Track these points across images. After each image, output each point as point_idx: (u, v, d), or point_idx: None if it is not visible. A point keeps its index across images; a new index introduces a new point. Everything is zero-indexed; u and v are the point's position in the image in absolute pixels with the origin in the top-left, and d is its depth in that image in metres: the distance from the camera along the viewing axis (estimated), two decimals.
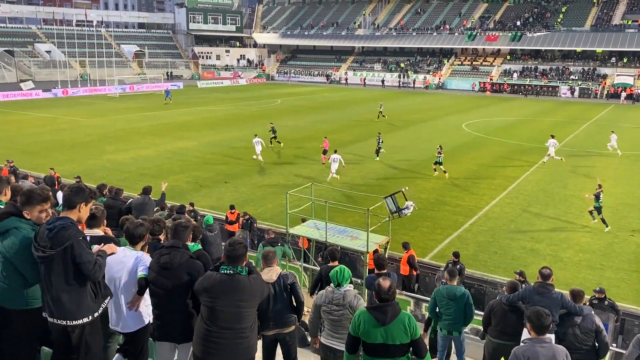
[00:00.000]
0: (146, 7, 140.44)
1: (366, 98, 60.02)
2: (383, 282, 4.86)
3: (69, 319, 4.54)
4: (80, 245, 4.39)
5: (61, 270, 4.40)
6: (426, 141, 33.45)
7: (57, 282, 4.46)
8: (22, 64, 71.08)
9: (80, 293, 4.53)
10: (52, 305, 4.55)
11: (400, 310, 4.87)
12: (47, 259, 4.38)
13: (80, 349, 4.67)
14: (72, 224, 4.46)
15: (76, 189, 4.69)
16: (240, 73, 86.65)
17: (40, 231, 4.47)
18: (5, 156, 24.54)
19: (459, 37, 79.19)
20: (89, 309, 4.62)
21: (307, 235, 13.17)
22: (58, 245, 4.34)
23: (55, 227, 4.38)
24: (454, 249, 14.52)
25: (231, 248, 4.71)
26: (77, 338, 4.63)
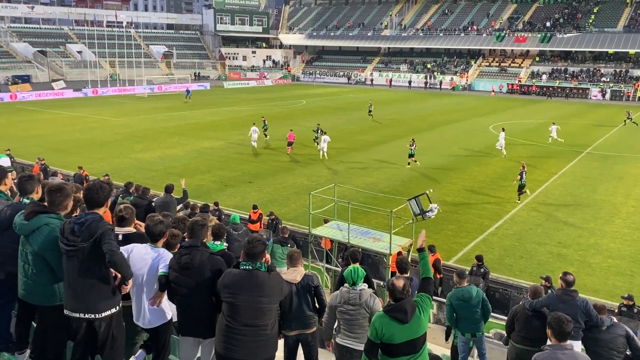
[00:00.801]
0: (175, 8, 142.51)
1: (392, 99, 59.73)
2: (397, 282, 4.84)
3: (95, 312, 4.63)
4: (109, 233, 4.52)
5: (89, 264, 4.51)
6: (452, 143, 33.13)
7: (83, 275, 4.55)
8: (54, 64, 72.77)
9: (105, 286, 4.64)
10: (76, 299, 4.63)
11: (415, 303, 4.85)
12: (76, 252, 4.48)
13: (106, 343, 4.77)
14: (101, 218, 4.62)
15: (98, 187, 4.78)
16: (266, 74, 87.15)
17: (66, 226, 4.57)
18: (36, 154, 25.19)
19: (487, 38, 78.21)
20: (113, 301, 4.73)
21: (329, 236, 13.17)
22: (90, 237, 4.45)
23: (87, 221, 4.51)
24: (478, 252, 14.36)
25: (250, 245, 4.74)
26: (104, 331, 4.72)
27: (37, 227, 4.71)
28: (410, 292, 4.93)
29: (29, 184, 5.26)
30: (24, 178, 5.33)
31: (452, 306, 7.99)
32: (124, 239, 5.24)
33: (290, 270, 6.18)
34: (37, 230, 4.70)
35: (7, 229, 4.96)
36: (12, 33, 75.51)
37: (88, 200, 4.76)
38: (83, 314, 4.64)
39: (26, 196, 5.23)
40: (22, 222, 4.74)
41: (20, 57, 71.33)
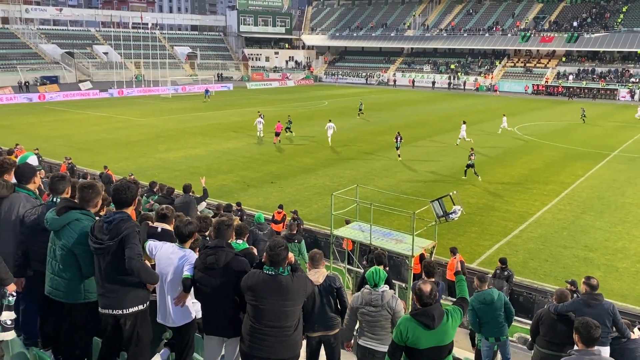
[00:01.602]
0: (199, 10, 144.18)
1: (415, 100, 59.37)
2: (424, 286, 4.79)
3: (122, 308, 4.71)
4: (134, 236, 4.58)
5: (116, 261, 4.58)
6: (476, 144, 32.71)
7: (111, 272, 4.64)
8: (81, 65, 74.14)
9: (132, 283, 4.71)
10: (104, 296, 4.73)
11: (443, 310, 4.80)
12: (104, 250, 4.58)
13: (132, 340, 4.84)
14: (129, 217, 4.70)
15: (125, 187, 4.85)
16: (289, 75, 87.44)
17: (96, 225, 4.68)
18: (64, 153, 25.70)
19: (512, 38, 77.20)
20: (140, 298, 4.80)
21: (351, 237, 13.14)
22: (116, 236, 4.53)
23: (115, 220, 4.60)
24: (502, 255, 14.16)
25: (272, 253, 4.73)
26: (129, 329, 4.80)
27: (68, 222, 4.80)
28: (438, 296, 4.89)
29: (60, 184, 5.36)
30: (56, 178, 5.43)
31: (474, 310, 7.90)
32: (162, 232, 5.47)
33: (312, 271, 6.16)
34: (67, 225, 4.80)
35: (43, 230, 5.06)
36: (41, 35, 77.19)
37: (116, 200, 4.84)
38: (110, 310, 4.74)
39: (57, 196, 5.33)
40: (53, 217, 4.83)
41: (49, 59, 72.86)
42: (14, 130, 34.64)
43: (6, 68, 66.09)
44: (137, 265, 4.50)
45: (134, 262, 4.48)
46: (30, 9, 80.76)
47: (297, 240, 11.80)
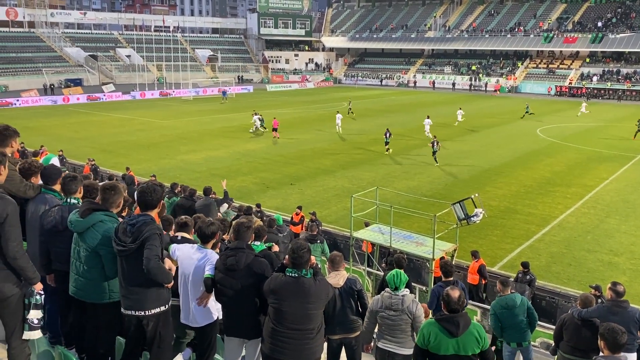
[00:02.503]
0: (220, 13, 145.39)
1: (435, 101, 58.98)
2: (452, 292, 4.75)
3: (144, 309, 4.76)
4: (155, 238, 4.62)
5: (138, 263, 4.62)
6: (498, 146, 32.43)
7: (134, 274, 4.69)
8: (104, 68, 75.31)
9: (154, 285, 4.75)
10: (128, 297, 4.79)
11: (470, 321, 4.75)
12: (127, 252, 4.64)
13: (154, 341, 4.89)
14: (152, 220, 4.74)
15: (151, 189, 4.90)
16: (308, 76, 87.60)
17: (120, 227, 4.74)
18: (87, 154, 26.12)
19: (535, 39, 76.25)
20: (162, 299, 4.84)
21: (371, 240, 13.10)
22: (138, 239, 4.59)
23: (138, 223, 4.65)
24: (524, 259, 13.96)
25: (295, 255, 4.72)
26: (152, 329, 4.84)
27: (92, 224, 4.87)
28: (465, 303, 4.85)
29: (73, 184, 5.43)
30: (67, 178, 5.49)
31: (497, 315, 7.80)
32: (182, 240, 5.57)
33: (332, 274, 6.15)
34: (92, 227, 4.87)
35: (63, 231, 5.15)
36: (66, 38, 78.60)
37: (141, 202, 4.89)
38: (133, 312, 4.80)
39: (70, 196, 5.41)
40: (77, 219, 4.91)
41: (73, 62, 74.16)
42: (40, 132, 35.30)
43: (32, 71, 67.46)
44: (153, 265, 4.54)
45: (150, 263, 4.52)
46: (55, 13, 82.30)
47: (319, 241, 11.82)
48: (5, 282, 4.38)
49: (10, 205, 4.31)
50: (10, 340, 4.58)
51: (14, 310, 4.49)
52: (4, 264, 4.34)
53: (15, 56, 69.35)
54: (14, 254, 4.31)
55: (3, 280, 4.37)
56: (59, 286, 5.33)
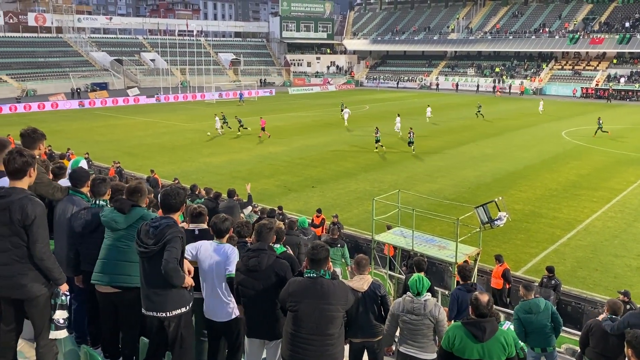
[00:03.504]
0: (242, 17, 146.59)
1: (458, 103, 58.48)
2: (481, 297, 4.70)
3: (165, 310, 4.81)
4: (176, 241, 4.68)
5: (159, 265, 4.67)
6: (522, 149, 32.01)
7: (155, 276, 4.74)
8: (129, 72, 76.51)
9: (175, 287, 4.79)
10: (148, 298, 4.85)
11: (498, 327, 4.70)
12: (149, 253, 4.71)
13: (176, 341, 4.93)
14: (175, 223, 4.80)
15: (175, 192, 4.97)
16: (330, 79, 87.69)
17: (142, 229, 4.81)
18: (113, 157, 26.54)
19: (560, 40, 75.09)
20: (183, 301, 4.89)
21: (393, 243, 13.03)
22: (160, 241, 4.66)
23: (161, 225, 4.72)
24: (549, 263, 13.74)
25: (314, 251, 4.73)
26: (173, 330, 4.89)
27: (137, 219, 5.06)
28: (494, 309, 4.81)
29: (102, 187, 5.55)
30: (97, 180, 5.61)
31: (520, 319, 7.67)
32: (200, 233, 5.63)
33: (356, 278, 6.13)
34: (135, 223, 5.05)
35: (92, 233, 5.26)
36: (92, 43, 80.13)
37: (165, 205, 4.96)
38: (154, 313, 4.85)
39: (99, 198, 5.52)
40: (120, 216, 5.05)
41: (99, 66, 75.53)
42: (67, 135, 35.99)
43: (59, 75, 68.90)
44: (171, 267, 4.60)
45: (168, 265, 4.59)
46: (82, 18, 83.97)
47: (339, 245, 11.77)
48: (33, 282, 4.48)
49: (38, 207, 4.41)
50: (38, 339, 4.68)
51: (42, 309, 4.59)
52: (32, 265, 4.44)
53: (43, 61, 70.93)
54: (41, 255, 4.41)
55: (31, 280, 4.47)
56: (86, 287, 5.43)
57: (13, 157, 4.39)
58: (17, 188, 4.41)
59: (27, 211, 4.30)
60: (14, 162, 4.38)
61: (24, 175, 4.44)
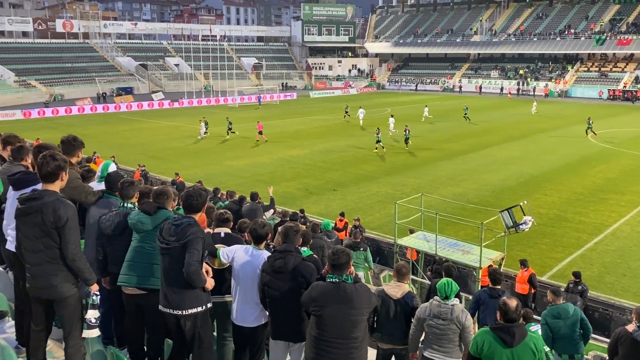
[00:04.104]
0: (265, 21, 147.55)
1: (482, 106, 57.87)
2: (510, 302, 4.65)
3: (181, 309, 4.88)
4: (198, 242, 4.77)
5: (178, 263, 4.78)
6: (547, 152, 31.54)
7: (173, 273, 4.85)
8: (154, 77, 77.62)
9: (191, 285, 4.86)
10: (168, 295, 4.93)
11: (527, 332, 4.63)
12: (169, 250, 4.81)
13: (194, 341, 5.00)
14: (196, 223, 4.88)
15: (197, 193, 5.06)
16: (351, 83, 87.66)
17: (165, 227, 4.92)
18: (137, 160, 26.93)
19: (586, 41, 73.84)
20: (200, 300, 4.94)
21: (415, 247, 12.96)
22: (181, 239, 4.74)
23: (183, 224, 4.81)
24: (575, 268, 13.51)
25: (335, 257, 4.72)
26: (189, 330, 4.96)
27: (162, 221, 5.12)
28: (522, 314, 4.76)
29: (130, 189, 5.65)
30: (126, 183, 5.72)
31: (548, 325, 7.54)
32: (226, 237, 5.78)
33: (392, 284, 6.13)
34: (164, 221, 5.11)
35: (119, 235, 5.37)
36: (118, 48, 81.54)
37: (187, 205, 5.05)
38: (170, 310, 4.94)
39: (128, 201, 5.62)
40: (147, 218, 5.14)
41: (124, 71, 76.81)
42: (93, 139, 36.61)
43: (86, 80, 70.26)
44: (193, 270, 4.68)
45: (191, 268, 4.67)
46: (108, 24, 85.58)
47: (362, 249, 11.74)
48: (64, 282, 4.59)
49: (70, 209, 4.53)
50: (67, 339, 4.77)
51: (72, 310, 4.69)
52: (63, 266, 4.54)
53: (70, 66, 72.43)
54: (73, 256, 4.52)
55: (62, 281, 4.57)
56: (113, 288, 5.53)
57: (46, 161, 4.53)
58: (49, 190, 4.54)
59: (60, 213, 4.42)
60: (47, 166, 4.52)
61: (56, 179, 4.59)
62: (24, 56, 70.48)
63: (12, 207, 4.94)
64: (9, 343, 5.27)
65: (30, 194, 4.55)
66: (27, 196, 4.54)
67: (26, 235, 4.54)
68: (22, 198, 4.56)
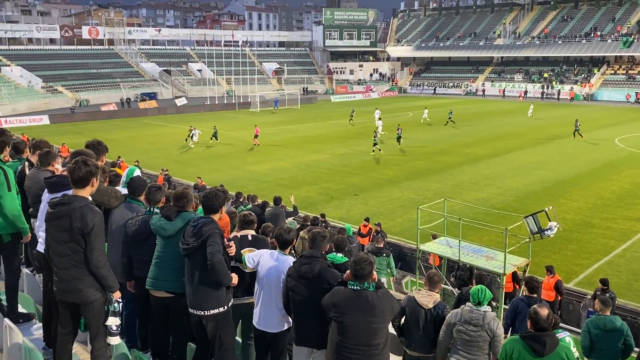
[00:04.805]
0: (286, 27, 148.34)
1: (505, 110, 57.24)
2: (541, 310, 4.56)
3: (203, 309, 4.96)
4: (215, 236, 4.85)
5: (199, 261, 4.87)
6: (573, 157, 31.00)
7: (196, 272, 4.93)
8: (177, 82, 78.55)
9: (216, 284, 4.93)
10: (192, 295, 5.02)
11: (558, 341, 4.53)
12: (189, 250, 4.91)
13: (215, 342, 5.05)
14: (212, 221, 4.99)
15: (214, 194, 5.15)
16: (372, 86, 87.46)
17: (187, 229, 5.03)
18: (161, 165, 27.26)
19: (612, 44, 72.48)
20: (222, 300, 5.00)
21: (438, 253, 12.82)
22: (200, 237, 4.83)
23: (199, 223, 4.93)
24: (602, 275, 13.21)
25: (357, 267, 4.65)
26: (211, 331, 5.02)
27: (183, 225, 5.19)
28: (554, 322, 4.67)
29: (157, 194, 5.73)
30: (153, 188, 5.80)
31: (590, 334, 7.26)
32: (254, 239, 5.87)
33: (424, 292, 6.10)
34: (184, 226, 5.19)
35: (145, 239, 5.44)
36: (142, 54, 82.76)
37: (205, 206, 5.15)
38: (194, 311, 5.05)
39: (154, 205, 5.68)
40: (167, 223, 5.20)
41: (148, 76, 77.91)
42: (118, 144, 37.18)
43: (111, 86, 71.45)
44: (217, 259, 4.77)
45: (214, 257, 4.76)
46: (132, 30, 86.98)
47: (385, 254, 11.66)
48: (90, 286, 4.65)
49: (97, 216, 4.61)
50: (93, 343, 4.84)
51: (97, 314, 4.76)
52: (88, 271, 4.61)
53: (96, 72, 73.75)
54: (97, 262, 4.59)
55: (87, 285, 4.64)
56: (137, 292, 5.59)
57: (78, 167, 4.62)
58: (78, 196, 4.63)
59: (87, 219, 4.50)
60: (79, 171, 4.61)
61: (87, 185, 4.68)
62: (51, 62, 72.04)
63: (45, 209, 5.04)
64: (36, 345, 5.36)
65: (60, 199, 4.64)
66: (57, 201, 4.64)
67: (54, 238, 4.64)
68: (52, 202, 4.66)
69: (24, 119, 50.38)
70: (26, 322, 6.33)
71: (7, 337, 5.47)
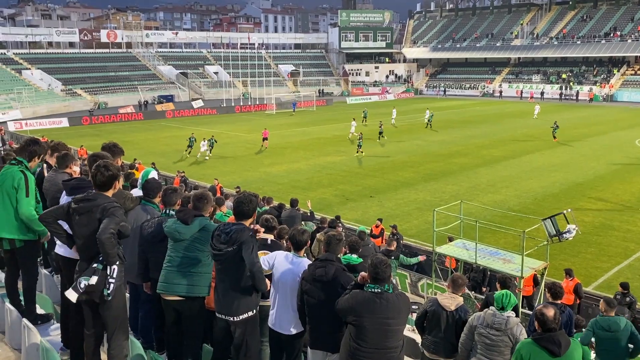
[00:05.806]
0: (302, 29, 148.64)
1: (523, 111, 56.64)
2: (547, 311, 4.50)
3: (233, 315, 4.95)
4: (249, 245, 4.84)
5: (232, 267, 4.88)
6: (592, 159, 30.56)
7: (225, 278, 4.94)
8: (194, 84, 79.16)
9: (246, 289, 4.95)
10: (221, 300, 5.03)
11: (570, 340, 4.49)
12: (222, 256, 4.89)
13: (241, 349, 5.03)
14: (247, 228, 4.97)
15: (247, 200, 5.11)
16: (388, 88, 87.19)
17: (215, 234, 5.01)
18: (177, 167, 27.46)
19: (633, 44, 71.37)
20: (250, 305, 5.02)
21: (454, 255, 12.72)
22: (234, 244, 4.82)
23: (232, 231, 4.89)
24: (623, 279, 13.01)
25: (378, 270, 4.60)
26: (239, 336, 5.01)
27: (199, 229, 5.21)
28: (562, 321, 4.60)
29: (173, 197, 5.76)
30: (169, 190, 5.83)
31: (594, 334, 7.24)
32: (272, 243, 5.89)
33: (447, 295, 6.08)
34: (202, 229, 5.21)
35: (161, 241, 5.46)
36: (159, 57, 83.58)
37: (237, 211, 5.12)
38: (223, 316, 5.04)
39: (170, 208, 5.71)
40: (183, 227, 5.20)
41: (165, 79, 78.61)
42: (135, 146, 37.55)
43: (129, 89, 72.23)
44: (258, 268, 4.84)
45: (255, 266, 4.82)
46: (150, 33, 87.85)
47: (394, 257, 11.65)
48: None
49: (119, 210, 4.75)
50: (110, 341, 4.89)
51: (114, 312, 4.80)
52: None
53: (114, 75, 74.63)
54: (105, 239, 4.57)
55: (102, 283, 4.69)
56: (154, 293, 5.62)
57: (100, 172, 4.75)
58: (102, 194, 4.77)
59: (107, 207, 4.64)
60: (102, 176, 4.75)
61: (110, 188, 4.84)
62: (71, 66, 73.08)
63: None
64: (53, 345, 5.42)
65: (85, 195, 4.79)
66: (82, 197, 4.77)
67: (77, 235, 4.72)
68: (77, 198, 4.78)
69: (44, 121, 51.14)
70: (44, 323, 6.40)
71: (26, 337, 5.55)
